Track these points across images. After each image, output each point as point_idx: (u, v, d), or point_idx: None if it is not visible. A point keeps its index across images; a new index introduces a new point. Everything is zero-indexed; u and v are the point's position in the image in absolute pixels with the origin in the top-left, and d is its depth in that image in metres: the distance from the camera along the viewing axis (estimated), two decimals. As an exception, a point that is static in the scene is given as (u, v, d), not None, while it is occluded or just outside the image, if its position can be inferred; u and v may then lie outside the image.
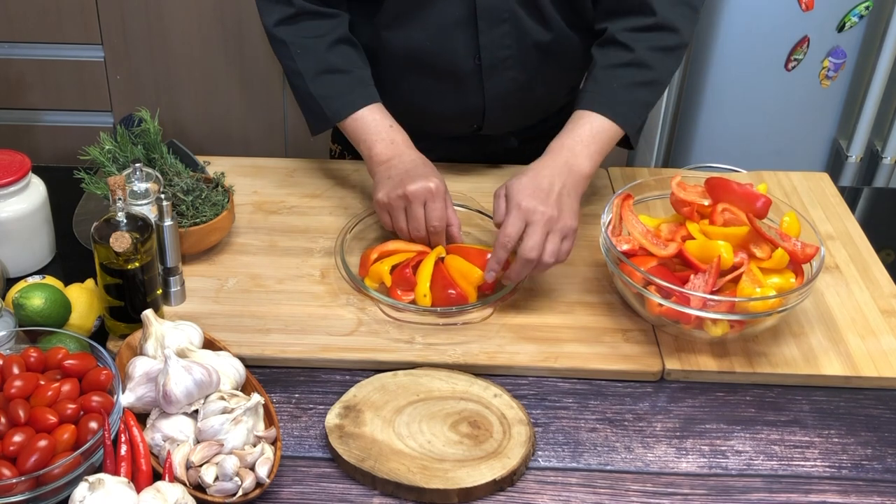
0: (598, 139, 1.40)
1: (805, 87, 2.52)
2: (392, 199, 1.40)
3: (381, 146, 1.46)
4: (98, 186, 1.40)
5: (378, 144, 1.46)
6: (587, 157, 1.39)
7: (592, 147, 1.39)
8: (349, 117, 1.48)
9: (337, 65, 1.49)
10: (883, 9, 2.49)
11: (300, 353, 1.29)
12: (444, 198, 1.40)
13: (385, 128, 1.47)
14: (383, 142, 1.46)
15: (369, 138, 1.47)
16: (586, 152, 1.39)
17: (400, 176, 1.41)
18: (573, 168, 1.37)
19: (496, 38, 1.50)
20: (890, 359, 1.32)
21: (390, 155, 1.45)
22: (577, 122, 1.42)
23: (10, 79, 2.66)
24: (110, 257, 1.24)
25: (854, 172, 2.67)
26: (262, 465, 1.10)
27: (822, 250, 1.30)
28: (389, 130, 1.47)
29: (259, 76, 2.67)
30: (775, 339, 1.34)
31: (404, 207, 1.40)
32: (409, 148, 1.47)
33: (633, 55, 1.43)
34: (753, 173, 1.72)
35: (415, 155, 1.46)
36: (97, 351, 1.18)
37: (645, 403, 1.26)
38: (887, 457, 1.21)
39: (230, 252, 1.47)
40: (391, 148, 1.46)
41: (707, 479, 1.17)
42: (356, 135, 1.49)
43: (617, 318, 1.37)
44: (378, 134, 1.47)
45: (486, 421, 1.20)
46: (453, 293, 1.35)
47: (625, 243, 1.34)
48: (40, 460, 1.04)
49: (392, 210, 1.41)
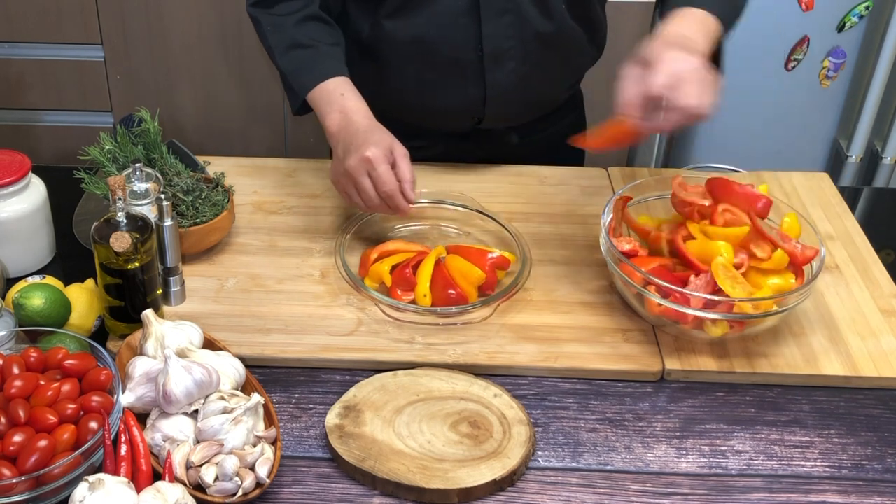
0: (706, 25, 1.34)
1: (805, 87, 2.52)
2: (339, 176, 1.40)
3: (331, 118, 1.43)
4: (98, 186, 1.40)
5: (328, 116, 1.44)
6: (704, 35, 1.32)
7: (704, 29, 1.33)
8: (312, 91, 1.46)
9: (303, 41, 1.48)
10: (883, 9, 2.49)
11: (300, 353, 1.29)
12: (385, 160, 1.35)
13: (336, 97, 1.44)
14: (333, 112, 1.43)
15: (322, 110, 1.45)
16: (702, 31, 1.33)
17: (345, 149, 1.39)
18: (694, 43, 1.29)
19: (499, 29, 1.50)
20: (890, 359, 1.32)
21: (338, 126, 1.42)
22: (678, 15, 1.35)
23: (10, 79, 2.66)
24: (110, 257, 1.24)
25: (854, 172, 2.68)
26: (262, 465, 1.10)
27: (822, 251, 1.30)
28: (340, 99, 1.44)
29: (259, 76, 2.67)
30: (775, 339, 1.34)
31: (353, 183, 1.38)
32: (358, 114, 1.42)
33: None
34: (753, 173, 1.72)
35: (362, 121, 1.41)
36: (97, 351, 1.18)
37: (645, 403, 1.26)
38: (887, 457, 1.21)
39: (230, 252, 1.47)
40: (339, 118, 1.42)
41: (707, 479, 1.17)
42: (316, 110, 1.47)
43: (617, 318, 1.37)
44: (330, 104, 1.44)
45: (486, 421, 1.20)
46: (453, 293, 1.35)
47: (625, 243, 1.34)
48: (40, 460, 1.04)
49: (344, 187, 1.40)
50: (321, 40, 1.49)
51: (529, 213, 1.58)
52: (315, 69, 1.47)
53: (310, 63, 1.48)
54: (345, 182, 1.39)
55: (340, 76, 1.47)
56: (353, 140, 1.38)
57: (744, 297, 1.25)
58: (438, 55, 1.54)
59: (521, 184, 1.65)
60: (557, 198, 1.62)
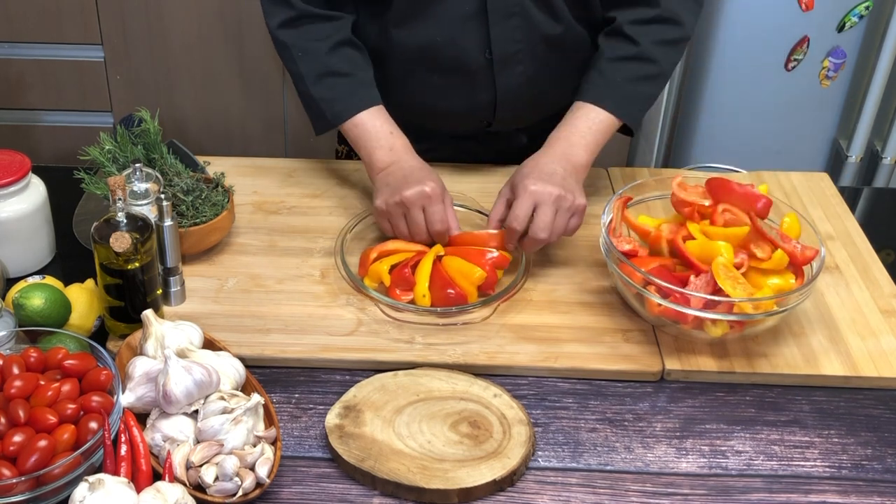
0: (596, 131, 1.45)
1: (805, 87, 2.52)
2: (390, 205, 1.41)
3: (380, 153, 1.46)
4: (98, 186, 1.40)
5: (377, 151, 1.47)
6: (583, 147, 1.44)
7: (589, 138, 1.44)
8: (349, 121, 1.48)
9: (338, 68, 1.49)
10: (883, 9, 2.49)
11: (300, 353, 1.29)
12: (441, 200, 1.41)
13: (385, 134, 1.48)
14: (382, 149, 1.47)
15: (369, 144, 1.47)
16: (583, 143, 1.44)
17: (397, 182, 1.42)
18: (571, 158, 1.42)
19: (507, 32, 1.50)
20: (890, 359, 1.32)
21: (389, 161, 1.46)
22: (575, 114, 1.47)
23: (10, 79, 2.66)
24: (110, 257, 1.24)
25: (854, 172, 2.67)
26: (262, 465, 1.10)
27: (822, 251, 1.30)
28: (389, 137, 1.48)
29: (259, 76, 2.67)
30: (775, 339, 1.34)
31: (403, 213, 1.41)
32: (408, 153, 1.47)
33: (639, 49, 1.47)
34: (753, 173, 1.72)
35: (413, 160, 1.46)
36: (97, 351, 1.18)
37: (645, 403, 1.26)
38: (887, 457, 1.21)
39: (230, 252, 1.47)
40: (390, 155, 1.46)
41: (707, 479, 1.17)
42: (357, 140, 1.49)
43: (617, 318, 1.37)
44: (378, 140, 1.47)
45: (486, 421, 1.20)
46: (452, 293, 1.35)
47: (625, 243, 1.34)
48: (40, 460, 1.04)
49: (391, 217, 1.42)
50: (357, 67, 1.50)
51: (529, 213, 1.58)
52: (352, 98, 1.48)
53: (346, 92, 1.49)
54: (395, 212, 1.42)
55: (377, 106, 1.49)
56: (413, 172, 1.43)
57: (744, 297, 1.25)
58: (447, 60, 1.54)
59: (521, 184, 1.64)
60: (557, 198, 1.62)
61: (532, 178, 1.38)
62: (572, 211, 1.38)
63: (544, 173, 1.38)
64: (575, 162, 1.42)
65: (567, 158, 1.42)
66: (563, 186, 1.37)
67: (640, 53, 1.47)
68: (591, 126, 1.45)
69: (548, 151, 1.43)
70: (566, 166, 1.41)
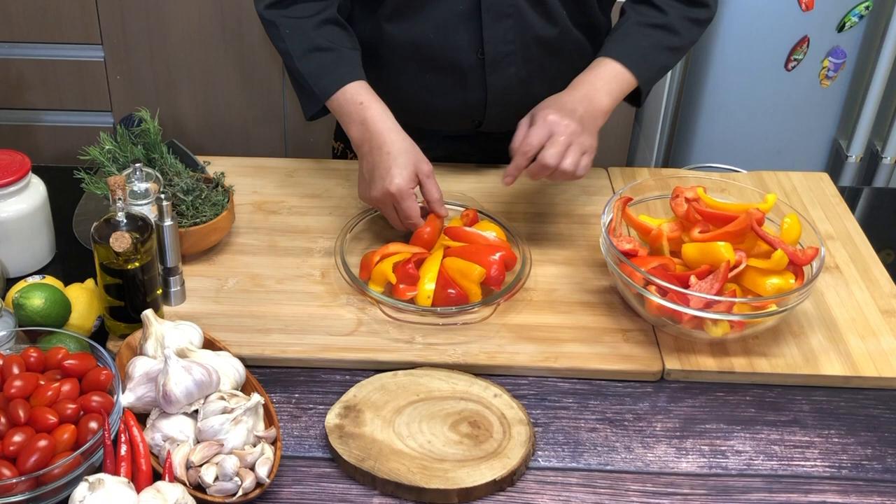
0: (617, 82, 1.46)
1: (805, 87, 2.52)
2: (366, 200, 1.45)
3: (354, 129, 1.45)
4: (98, 186, 1.40)
5: (351, 127, 1.45)
6: (607, 93, 1.45)
7: (614, 86, 1.46)
8: (332, 98, 1.46)
9: (323, 44, 1.48)
10: (883, 9, 2.49)
11: (300, 353, 1.29)
12: (408, 195, 1.39)
13: (355, 106, 1.44)
14: (355, 123, 1.44)
15: (344, 120, 1.46)
16: (606, 88, 1.45)
17: (369, 174, 1.42)
18: (593, 100, 1.43)
19: (500, 33, 1.50)
20: (890, 359, 1.32)
21: (360, 139, 1.44)
22: (598, 65, 1.48)
23: (10, 79, 2.66)
24: (110, 257, 1.24)
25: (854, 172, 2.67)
26: (262, 465, 1.10)
27: (822, 251, 1.30)
28: (359, 109, 1.44)
29: (259, 76, 2.67)
30: (775, 339, 1.34)
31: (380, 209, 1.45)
32: (380, 125, 1.42)
33: (667, 19, 1.50)
34: (753, 173, 1.72)
35: (385, 136, 1.41)
36: (97, 351, 1.18)
37: (645, 403, 1.26)
38: (887, 457, 1.21)
39: (230, 252, 1.47)
40: (361, 130, 1.43)
41: (707, 479, 1.17)
42: (337, 117, 1.49)
43: (617, 318, 1.37)
44: (350, 115, 1.45)
45: (486, 421, 1.20)
46: (453, 293, 1.35)
47: (625, 243, 1.34)
48: (40, 460, 1.04)
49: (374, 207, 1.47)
50: (342, 44, 1.49)
51: (529, 213, 1.58)
52: (336, 72, 1.47)
53: (331, 66, 1.47)
54: (373, 205, 1.46)
55: (359, 80, 1.47)
56: (379, 164, 1.40)
57: (744, 298, 1.25)
58: (439, 58, 1.54)
59: (522, 184, 1.64)
60: (557, 198, 1.62)
61: (552, 109, 1.39)
62: (585, 149, 1.39)
63: (565, 109, 1.39)
64: (597, 105, 1.43)
65: (590, 100, 1.42)
66: (581, 123, 1.38)
67: (667, 24, 1.50)
68: (614, 76, 1.46)
69: (571, 92, 1.44)
70: (588, 107, 1.41)
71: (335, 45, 1.48)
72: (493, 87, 1.56)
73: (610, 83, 1.46)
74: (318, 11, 1.49)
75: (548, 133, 1.37)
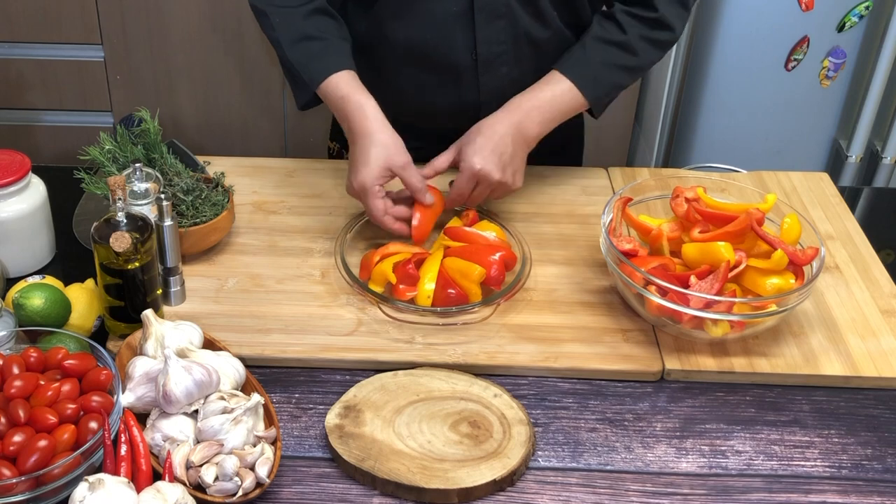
0: (558, 104, 1.48)
1: (805, 87, 2.52)
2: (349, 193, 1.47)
3: (343, 124, 1.47)
4: (98, 186, 1.40)
5: (343, 121, 1.47)
6: (539, 122, 1.47)
7: (547, 114, 1.47)
8: (321, 87, 1.47)
9: (312, 33, 1.48)
10: (883, 9, 2.49)
11: (300, 353, 1.29)
12: (374, 193, 1.40)
13: (337, 100, 1.46)
14: (340, 119, 1.47)
15: (336, 114, 1.48)
16: (540, 118, 1.47)
17: (349, 164, 1.44)
18: (524, 131, 1.45)
19: (492, 34, 1.51)
20: (890, 359, 1.32)
21: (346, 131, 1.47)
22: (546, 82, 1.50)
23: (10, 79, 2.66)
24: (110, 257, 1.24)
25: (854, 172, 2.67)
26: (262, 465, 1.10)
27: (822, 251, 1.30)
28: (341, 103, 1.45)
29: (259, 76, 2.67)
30: (775, 339, 1.34)
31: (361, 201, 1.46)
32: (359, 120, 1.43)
33: (625, 38, 1.50)
34: (753, 173, 1.72)
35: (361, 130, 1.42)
36: (97, 351, 1.18)
37: (645, 403, 1.26)
38: (887, 457, 1.21)
39: (230, 252, 1.47)
40: (344, 125, 1.46)
41: (707, 479, 1.17)
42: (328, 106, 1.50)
43: (617, 318, 1.37)
44: (337, 111, 1.47)
45: (486, 421, 1.20)
46: (453, 293, 1.35)
47: (625, 243, 1.34)
48: (40, 460, 1.04)
49: None
50: (331, 34, 1.50)
51: (529, 213, 1.58)
52: (324, 61, 1.47)
53: (320, 55, 1.48)
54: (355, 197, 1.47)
55: (347, 70, 1.47)
56: (354, 159, 1.43)
57: (744, 298, 1.25)
58: (433, 58, 1.54)
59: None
60: (557, 198, 1.62)
61: (481, 155, 1.42)
62: (505, 192, 1.47)
63: (496, 150, 1.42)
64: (527, 135, 1.46)
65: (520, 130, 1.44)
66: (505, 170, 1.43)
67: (624, 42, 1.49)
68: (555, 98, 1.48)
69: (504, 119, 1.45)
70: (517, 139, 1.44)
71: (324, 35, 1.49)
72: (486, 87, 1.56)
73: (545, 112, 1.47)
74: (308, 1, 1.50)
75: (474, 183, 1.43)
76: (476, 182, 1.43)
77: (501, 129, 1.43)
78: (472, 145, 1.43)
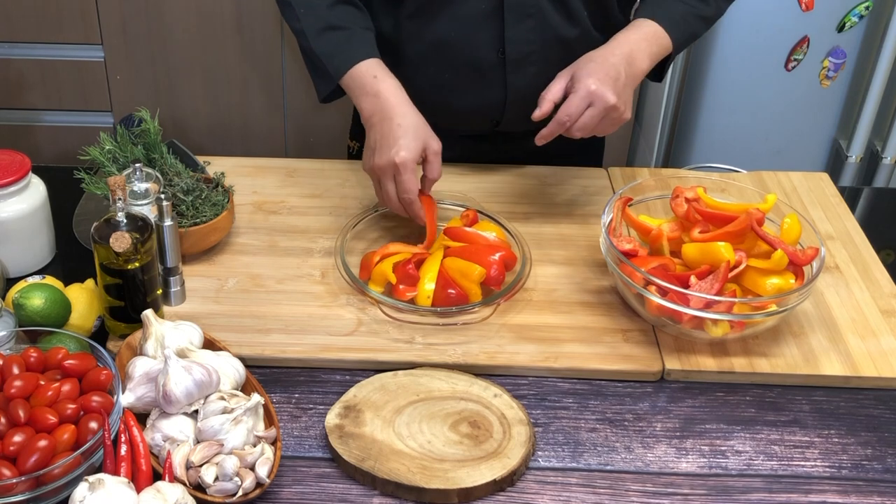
0: (657, 41, 1.47)
1: (805, 87, 2.52)
2: (367, 170, 1.43)
3: (365, 101, 1.44)
4: (98, 186, 1.40)
5: (363, 99, 1.44)
6: (648, 55, 1.46)
7: (654, 47, 1.47)
8: (346, 75, 1.46)
9: (337, 23, 1.48)
10: (883, 9, 2.49)
11: (300, 353, 1.29)
12: (411, 169, 1.38)
13: (369, 79, 1.44)
14: (367, 96, 1.44)
15: (356, 94, 1.45)
16: (648, 50, 1.46)
17: (375, 144, 1.41)
18: (634, 61, 1.44)
19: (521, 33, 1.50)
20: (890, 359, 1.32)
21: (371, 111, 1.43)
22: (638, 25, 1.48)
23: (10, 79, 2.66)
24: (110, 257, 1.24)
25: (854, 172, 2.68)
26: (262, 465, 1.10)
27: (822, 251, 1.30)
28: (373, 82, 1.44)
29: (259, 76, 2.67)
30: (775, 339, 1.34)
31: (378, 181, 1.42)
32: (393, 99, 1.42)
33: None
34: (753, 173, 1.72)
35: (397, 109, 1.41)
36: (97, 351, 1.18)
37: (645, 403, 1.26)
38: (887, 457, 1.21)
39: (230, 252, 1.47)
40: (373, 102, 1.43)
41: (707, 479, 1.17)
42: (350, 94, 1.47)
43: (617, 318, 1.37)
44: (363, 87, 1.44)
45: (486, 421, 1.20)
46: (453, 293, 1.35)
47: (625, 243, 1.34)
48: (40, 460, 1.04)
49: (372, 180, 1.44)
50: (355, 23, 1.49)
51: (529, 213, 1.58)
52: (349, 51, 1.46)
53: (345, 45, 1.47)
54: (372, 177, 1.43)
55: (374, 58, 1.46)
56: (388, 134, 1.39)
57: (744, 298, 1.25)
58: (459, 57, 1.54)
59: (522, 184, 1.65)
60: (557, 198, 1.62)
61: (595, 77, 1.38)
62: (615, 122, 1.41)
63: (609, 75, 1.39)
64: (637, 67, 1.44)
65: (631, 62, 1.43)
66: (620, 95, 1.39)
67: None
68: (653, 35, 1.47)
69: (614, 49, 1.43)
70: (628, 70, 1.42)
71: (349, 24, 1.48)
72: (514, 86, 1.56)
73: (651, 44, 1.46)
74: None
75: (587, 104, 1.38)
76: (589, 102, 1.38)
77: (614, 59, 1.42)
78: (586, 68, 1.40)
